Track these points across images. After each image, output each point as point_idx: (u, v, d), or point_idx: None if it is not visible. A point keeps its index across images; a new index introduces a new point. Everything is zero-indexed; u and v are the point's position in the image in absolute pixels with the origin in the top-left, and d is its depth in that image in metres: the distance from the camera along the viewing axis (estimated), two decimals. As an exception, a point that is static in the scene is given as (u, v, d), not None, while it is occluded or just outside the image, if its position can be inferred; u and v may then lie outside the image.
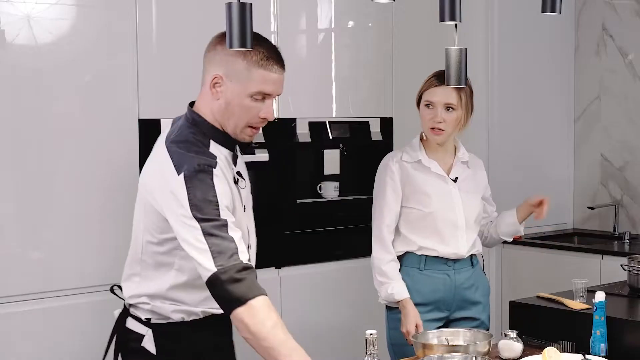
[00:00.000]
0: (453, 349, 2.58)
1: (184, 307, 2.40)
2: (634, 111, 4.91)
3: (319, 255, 4.10)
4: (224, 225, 2.22)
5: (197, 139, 2.35)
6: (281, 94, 2.42)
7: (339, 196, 4.17)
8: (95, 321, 3.21)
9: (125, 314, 2.47)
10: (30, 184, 3.23)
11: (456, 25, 2.29)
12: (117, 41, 3.41)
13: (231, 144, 2.43)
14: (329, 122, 4.10)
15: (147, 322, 2.42)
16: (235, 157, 2.46)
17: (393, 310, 3.21)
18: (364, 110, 4.23)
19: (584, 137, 5.16)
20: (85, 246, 3.35)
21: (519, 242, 4.65)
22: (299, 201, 4.05)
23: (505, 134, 4.85)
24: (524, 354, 2.69)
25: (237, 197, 2.40)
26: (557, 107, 5.12)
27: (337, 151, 4.17)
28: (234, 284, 2.17)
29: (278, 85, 2.37)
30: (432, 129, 3.14)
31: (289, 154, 3.98)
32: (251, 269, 2.22)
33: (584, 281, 3.07)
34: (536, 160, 5.02)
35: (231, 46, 1.96)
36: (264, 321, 2.16)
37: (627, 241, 4.75)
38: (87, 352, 3.23)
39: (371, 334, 2.34)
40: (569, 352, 2.77)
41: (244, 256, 2.22)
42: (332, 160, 4.17)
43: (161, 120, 3.43)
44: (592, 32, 5.07)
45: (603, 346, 2.72)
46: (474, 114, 3.22)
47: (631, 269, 3.26)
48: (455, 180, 3.20)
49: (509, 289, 4.71)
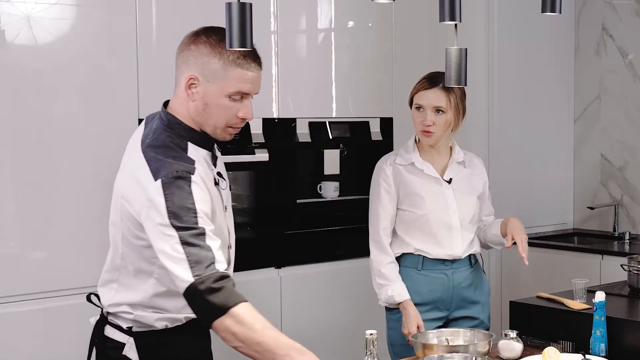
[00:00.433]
0: (453, 349, 2.59)
1: (168, 315, 2.34)
2: (634, 111, 4.91)
3: (319, 255, 4.10)
4: (202, 234, 2.16)
5: (175, 142, 2.28)
6: (259, 92, 2.36)
7: (339, 196, 4.16)
8: (95, 321, 3.21)
9: (103, 321, 2.41)
10: (30, 184, 3.23)
11: (456, 25, 2.29)
12: (117, 41, 3.41)
13: (209, 144, 2.36)
14: (329, 122, 4.09)
15: (128, 331, 2.35)
16: (215, 158, 2.40)
17: (392, 310, 3.21)
18: (364, 110, 4.23)
19: (584, 137, 5.16)
20: (85, 246, 3.34)
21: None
22: (299, 201, 4.05)
23: (505, 134, 4.85)
24: (524, 354, 2.69)
25: (217, 200, 2.35)
26: (557, 107, 5.12)
27: (337, 151, 4.17)
28: (212, 293, 2.11)
29: (256, 83, 2.31)
30: (423, 131, 3.15)
31: (289, 154, 3.98)
32: (228, 277, 2.16)
33: (584, 281, 3.07)
34: (536, 160, 5.01)
35: (231, 46, 1.96)
36: (252, 325, 2.11)
37: (627, 241, 4.75)
38: (87, 352, 3.22)
39: (371, 334, 2.34)
40: (569, 352, 2.77)
41: (221, 266, 2.16)
42: (332, 160, 4.17)
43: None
44: (592, 32, 5.07)
45: (603, 346, 2.72)
46: (466, 116, 3.21)
47: (631, 269, 3.27)
48: (449, 181, 3.20)
49: (509, 289, 4.70)
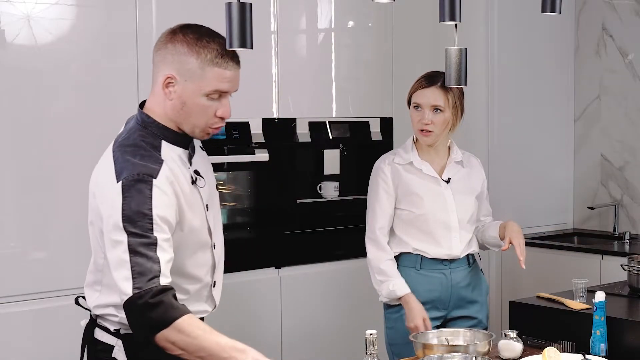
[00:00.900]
0: (453, 349, 2.59)
1: None
2: (634, 111, 4.91)
3: (319, 255, 4.10)
4: (152, 244, 2.11)
5: (147, 141, 2.24)
6: (237, 90, 2.31)
7: (339, 196, 4.17)
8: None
9: (93, 324, 2.39)
10: (30, 183, 3.23)
11: (456, 25, 2.29)
12: (116, 41, 3.42)
13: (185, 142, 2.31)
14: (329, 122, 4.10)
15: (116, 333, 2.32)
16: (191, 156, 2.34)
17: (390, 309, 3.21)
18: (364, 110, 4.23)
19: (583, 138, 5.16)
20: (85, 246, 3.32)
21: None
22: (299, 201, 4.05)
23: (505, 134, 4.85)
24: (524, 354, 2.68)
25: (194, 199, 2.30)
26: (557, 107, 5.12)
27: (337, 151, 4.17)
28: (152, 309, 2.07)
29: (234, 82, 2.26)
30: (421, 130, 3.15)
31: (289, 154, 3.98)
32: (167, 291, 2.10)
33: (584, 281, 3.07)
34: (536, 161, 5.01)
35: (231, 46, 1.96)
36: (191, 332, 2.07)
37: (627, 241, 4.75)
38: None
39: (371, 334, 2.34)
40: (569, 352, 2.76)
41: (165, 280, 2.11)
42: (332, 160, 4.17)
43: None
44: (592, 32, 5.07)
45: (603, 346, 2.72)
46: (466, 116, 3.22)
47: (631, 269, 3.26)
48: (448, 181, 3.20)
49: (509, 289, 4.70)
